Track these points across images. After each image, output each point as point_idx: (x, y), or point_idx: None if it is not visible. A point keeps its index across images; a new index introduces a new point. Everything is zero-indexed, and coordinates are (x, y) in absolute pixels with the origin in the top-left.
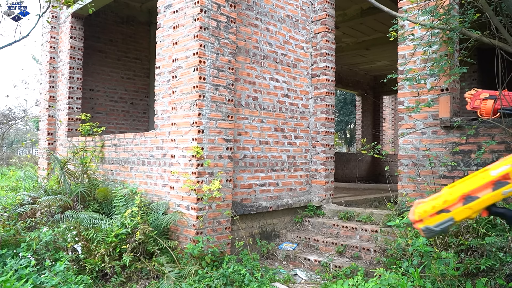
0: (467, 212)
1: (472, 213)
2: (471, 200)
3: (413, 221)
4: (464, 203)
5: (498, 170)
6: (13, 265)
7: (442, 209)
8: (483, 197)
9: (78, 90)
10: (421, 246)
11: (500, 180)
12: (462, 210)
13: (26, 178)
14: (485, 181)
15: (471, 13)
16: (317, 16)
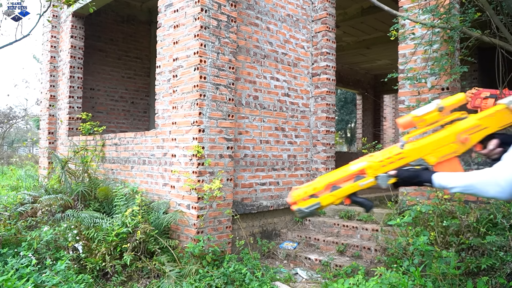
0: (331, 198)
1: (335, 199)
2: (336, 188)
3: (290, 203)
4: (330, 191)
5: (356, 166)
6: (14, 264)
7: (312, 195)
8: (345, 187)
9: (79, 89)
10: (422, 245)
11: (358, 174)
12: (328, 197)
13: (26, 177)
14: (347, 174)
15: (471, 12)
16: (318, 15)
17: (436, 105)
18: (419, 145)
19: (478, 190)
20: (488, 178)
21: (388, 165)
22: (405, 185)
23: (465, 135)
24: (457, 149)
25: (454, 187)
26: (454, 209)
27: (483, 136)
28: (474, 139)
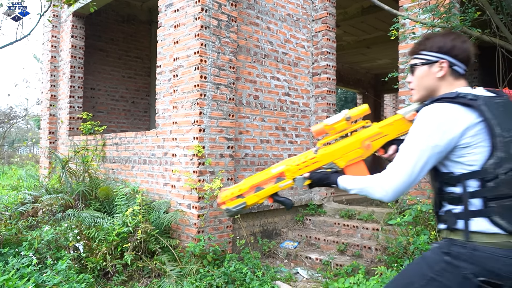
0: (256, 198)
1: (259, 199)
2: (259, 189)
3: (219, 203)
4: (255, 192)
5: (277, 169)
6: (15, 264)
7: (239, 195)
8: (267, 188)
9: (79, 89)
10: (422, 244)
11: (279, 176)
12: (253, 197)
13: (27, 177)
14: (269, 176)
15: (471, 11)
16: (318, 14)
17: (344, 115)
18: (330, 151)
19: (369, 192)
20: (376, 183)
21: (304, 168)
22: (318, 186)
23: (368, 141)
24: (362, 154)
25: (352, 189)
26: None
27: (384, 142)
28: (376, 145)
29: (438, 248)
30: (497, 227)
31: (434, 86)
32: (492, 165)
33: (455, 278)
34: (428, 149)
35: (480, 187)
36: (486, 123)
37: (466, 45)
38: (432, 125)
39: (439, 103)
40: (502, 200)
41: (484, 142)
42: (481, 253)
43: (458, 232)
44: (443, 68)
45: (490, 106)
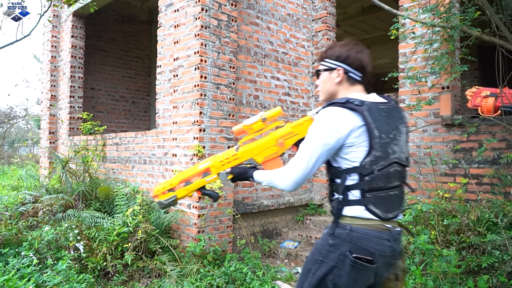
0: (185, 191)
1: (188, 192)
2: (188, 183)
3: (152, 197)
4: (184, 185)
5: (203, 165)
6: (15, 264)
7: (170, 189)
8: (195, 182)
9: (80, 89)
10: (423, 244)
11: (205, 172)
12: (182, 190)
13: (27, 177)
14: (196, 171)
15: (471, 11)
16: (318, 14)
17: (260, 117)
18: (249, 148)
19: (274, 184)
20: (279, 176)
21: (226, 164)
22: (239, 180)
23: (282, 140)
24: (277, 150)
25: (262, 182)
26: (455, 208)
27: (295, 141)
28: (288, 143)
29: (325, 234)
30: (372, 214)
31: (334, 90)
32: (369, 162)
33: (336, 256)
34: (320, 146)
35: (359, 180)
36: (366, 126)
37: (359, 55)
38: (324, 126)
39: (331, 107)
40: (377, 192)
41: (365, 142)
42: (356, 233)
43: (341, 217)
44: (340, 75)
45: (372, 111)
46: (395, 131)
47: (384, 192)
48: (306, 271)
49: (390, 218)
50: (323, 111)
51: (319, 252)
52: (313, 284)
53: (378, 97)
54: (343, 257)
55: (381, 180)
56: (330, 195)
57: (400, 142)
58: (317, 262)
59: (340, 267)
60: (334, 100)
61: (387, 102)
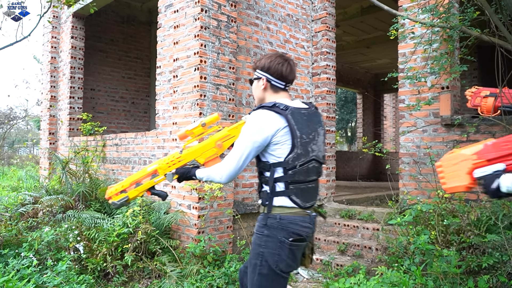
0: (136, 192)
1: (139, 193)
2: (139, 185)
3: (106, 198)
4: (135, 187)
5: (151, 167)
6: (15, 265)
7: (122, 191)
8: (145, 183)
9: (79, 89)
10: (423, 244)
11: (153, 173)
12: (133, 191)
13: (27, 178)
14: (145, 173)
15: (471, 11)
16: (318, 14)
17: (200, 122)
18: (191, 150)
19: (212, 178)
20: (216, 171)
21: (172, 166)
22: (184, 179)
23: (220, 142)
24: (217, 151)
25: (203, 178)
26: (455, 208)
27: (232, 142)
28: (226, 144)
29: (258, 226)
30: (294, 203)
31: (262, 96)
32: (291, 158)
33: (275, 243)
34: (250, 144)
35: (283, 174)
36: (289, 127)
37: (279, 66)
38: (253, 126)
39: (260, 110)
40: (298, 184)
41: (288, 141)
42: (285, 220)
43: (271, 207)
44: (264, 83)
45: (295, 115)
46: (314, 132)
47: (304, 184)
48: (253, 266)
49: (308, 207)
50: (253, 113)
51: (258, 245)
52: (264, 274)
53: (301, 103)
54: (281, 244)
55: (302, 174)
56: (259, 187)
57: (318, 142)
58: (259, 255)
59: (280, 253)
60: (263, 104)
61: (308, 108)
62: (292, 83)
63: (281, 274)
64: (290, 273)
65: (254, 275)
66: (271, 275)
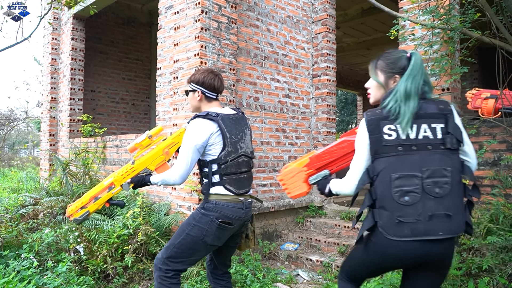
0: (96, 206)
1: (99, 206)
2: (97, 199)
3: (67, 216)
4: (94, 201)
5: (107, 181)
6: (16, 266)
7: (82, 207)
8: (103, 196)
9: (80, 91)
10: None
11: (110, 186)
12: (93, 205)
13: (28, 180)
14: (102, 187)
15: (471, 13)
16: (318, 16)
17: (146, 135)
18: (142, 160)
19: (166, 181)
20: (169, 175)
21: (126, 176)
22: (139, 186)
23: (167, 149)
24: (165, 158)
25: (158, 183)
26: None
27: (177, 148)
28: (172, 151)
29: (198, 208)
30: (228, 191)
31: (197, 105)
32: (223, 155)
33: (207, 221)
34: (192, 147)
35: (217, 168)
36: (221, 131)
37: (212, 80)
38: (192, 133)
39: (196, 119)
40: (231, 175)
41: (220, 142)
42: (219, 205)
43: (209, 195)
44: (200, 95)
45: (224, 120)
46: (241, 133)
47: (236, 175)
48: (180, 231)
49: (242, 193)
50: (191, 122)
51: (193, 218)
52: (187, 241)
53: (230, 109)
54: (211, 222)
55: (233, 167)
56: (201, 181)
57: (245, 141)
58: (190, 225)
59: (209, 229)
60: (198, 114)
61: (236, 113)
62: (221, 93)
63: (203, 246)
64: (211, 247)
65: (179, 237)
66: (192, 243)
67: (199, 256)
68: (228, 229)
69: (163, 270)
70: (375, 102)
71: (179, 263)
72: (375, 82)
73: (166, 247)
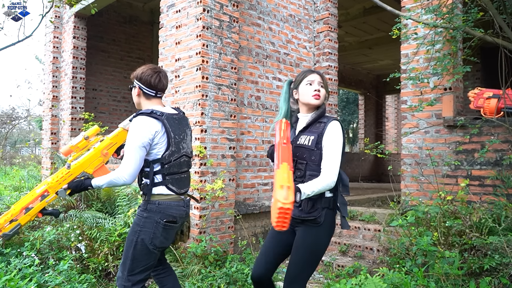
0: (28, 217)
1: (31, 217)
2: (29, 209)
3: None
4: (25, 212)
5: (40, 189)
6: (17, 264)
7: (12, 220)
8: (36, 206)
9: (81, 89)
10: (425, 246)
11: (43, 194)
12: (25, 217)
13: (29, 178)
14: (34, 196)
15: (474, 11)
16: (320, 15)
17: (82, 136)
18: (79, 163)
19: (115, 183)
20: (117, 175)
21: (62, 182)
22: (78, 191)
23: (105, 150)
24: (103, 160)
25: (102, 185)
26: (457, 210)
27: (115, 148)
28: (111, 152)
29: (140, 211)
30: (170, 191)
31: (138, 101)
32: (167, 155)
33: (151, 224)
34: (138, 145)
35: (160, 168)
36: (165, 130)
37: (149, 77)
38: (138, 130)
39: (141, 116)
40: (173, 175)
41: (165, 141)
42: (162, 205)
43: (150, 195)
44: (137, 91)
45: (169, 120)
46: (183, 133)
47: (178, 175)
48: (129, 242)
49: (183, 193)
50: (136, 119)
51: (137, 225)
52: (138, 250)
53: (171, 109)
54: (157, 224)
55: (175, 167)
56: (139, 180)
57: (187, 141)
58: (136, 232)
59: (155, 232)
60: (143, 111)
61: (178, 113)
62: (164, 92)
63: (154, 250)
64: (161, 249)
65: (130, 249)
66: (145, 250)
67: (154, 260)
68: (174, 228)
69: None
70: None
71: (139, 273)
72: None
73: (122, 263)
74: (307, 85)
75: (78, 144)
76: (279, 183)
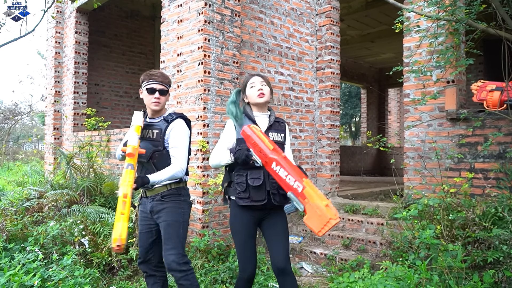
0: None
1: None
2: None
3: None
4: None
5: (121, 192)
6: (21, 259)
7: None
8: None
9: (84, 84)
10: (428, 239)
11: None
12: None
13: (32, 173)
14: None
15: (477, 4)
16: (322, 8)
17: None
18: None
19: (174, 176)
20: (176, 169)
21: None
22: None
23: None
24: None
25: (163, 180)
26: (460, 202)
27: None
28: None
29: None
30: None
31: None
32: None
33: (187, 205)
34: (187, 145)
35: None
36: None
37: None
38: (187, 131)
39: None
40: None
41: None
42: (187, 190)
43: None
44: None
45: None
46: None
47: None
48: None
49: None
50: (181, 121)
51: (179, 207)
52: (186, 228)
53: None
54: (189, 205)
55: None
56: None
57: None
58: (180, 214)
59: (188, 210)
60: (181, 114)
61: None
62: None
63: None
64: None
65: (179, 229)
66: (186, 226)
67: None
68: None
69: (188, 266)
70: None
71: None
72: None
73: (174, 246)
74: (251, 88)
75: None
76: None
